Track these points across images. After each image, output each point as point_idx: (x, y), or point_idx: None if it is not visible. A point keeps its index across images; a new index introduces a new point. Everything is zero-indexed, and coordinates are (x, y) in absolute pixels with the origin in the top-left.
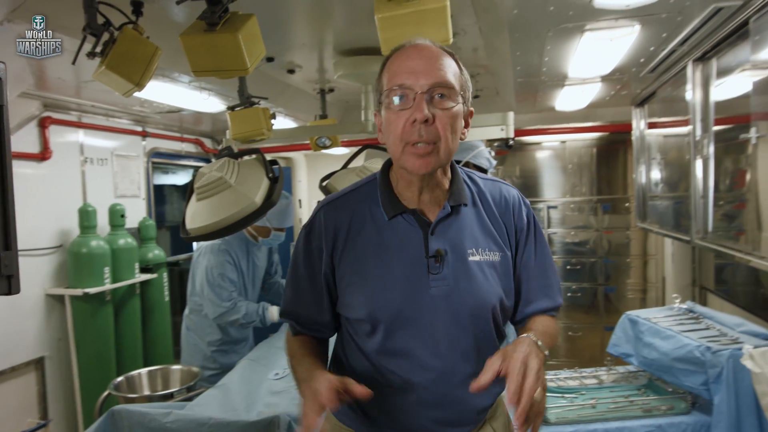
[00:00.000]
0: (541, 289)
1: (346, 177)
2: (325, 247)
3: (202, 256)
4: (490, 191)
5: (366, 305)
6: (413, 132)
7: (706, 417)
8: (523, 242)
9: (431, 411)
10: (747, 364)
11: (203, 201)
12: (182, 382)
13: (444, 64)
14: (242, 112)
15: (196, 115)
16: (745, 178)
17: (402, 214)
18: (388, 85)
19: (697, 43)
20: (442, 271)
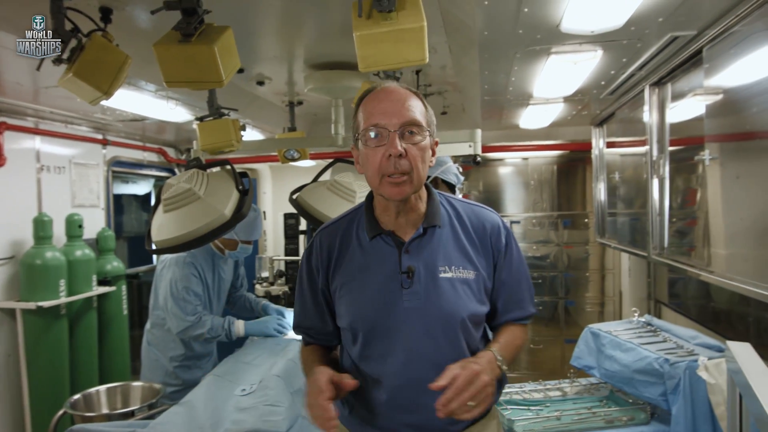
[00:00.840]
0: (515, 302)
1: (317, 190)
2: (321, 266)
3: (166, 268)
4: (468, 215)
5: (348, 315)
6: (389, 165)
7: (665, 427)
8: (501, 262)
9: (404, 415)
10: (702, 375)
11: (171, 213)
12: (143, 399)
13: (412, 105)
14: (212, 123)
15: (159, 123)
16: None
17: (381, 235)
18: (364, 124)
19: (654, 69)
20: (413, 286)
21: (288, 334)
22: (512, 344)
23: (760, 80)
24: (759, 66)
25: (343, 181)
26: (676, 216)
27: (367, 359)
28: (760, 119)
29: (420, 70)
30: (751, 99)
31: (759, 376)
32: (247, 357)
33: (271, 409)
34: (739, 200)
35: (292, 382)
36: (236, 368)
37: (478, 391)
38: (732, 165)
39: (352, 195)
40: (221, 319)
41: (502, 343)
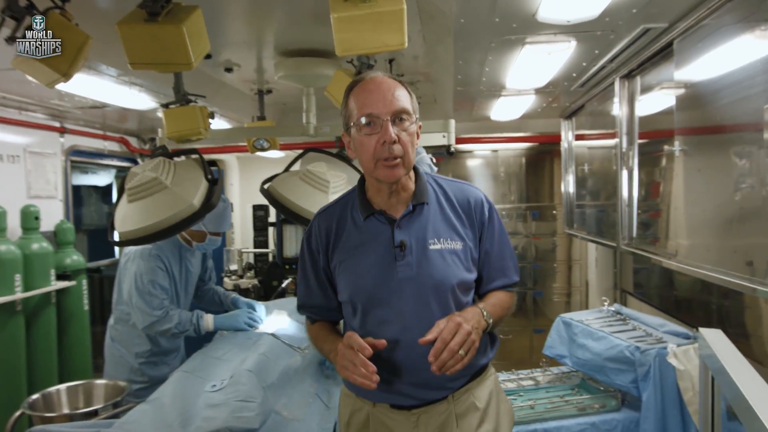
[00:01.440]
0: (499, 270)
1: (289, 180)
2: (321, 246)
3: (130, 261)
4: (453, 191)
5: (347, 289)
6: (383, 150)
7: (635, 413)
8: (485, 233)
9: (405, 376)
10: (672, 362)
11: (136, 203)
12: (107, 397)
13: (400, 94)
14: (178, 110)
15: (121, 111)
16: (659, 190)
17: (374, 215)
18: (358, 114)
19: (624, 61)
20: (406, 258)
21: (259, 328)
22: (498, 305)
23: (723, 75)
24: (724, 60)
25: (316, 170)
26: (642, 207)
27: (367, 328)
28: (722, 114)
29: (393, 59)
30: (713, 94)
31: (732, 360)
32: (217, 352)
33: (244, 405)
34: (701, 192)
35: (264, 376)
36: (206, 363)
37: (463, 339)
38: (694, 158)
39: (326, 185)
40: (189, 313)
41: (488, 302)
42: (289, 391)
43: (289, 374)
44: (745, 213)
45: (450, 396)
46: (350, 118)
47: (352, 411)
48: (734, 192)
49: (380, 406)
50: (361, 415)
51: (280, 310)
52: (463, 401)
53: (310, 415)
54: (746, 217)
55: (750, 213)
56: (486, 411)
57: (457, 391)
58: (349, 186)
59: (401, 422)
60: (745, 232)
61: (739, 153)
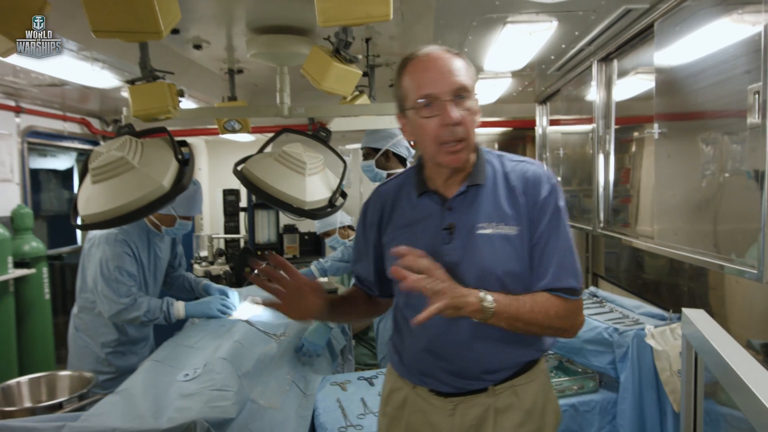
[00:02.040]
0: (549, 266)
1: (264, 161)
2: (374, 221)
3: (95, 247)
4: (515, 171)
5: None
6: (446, 133)
7: (612, 394)
8: (538, 215)
9: (439, 361)
10: (651, 343)
11: (100, 184)
12: (72, 389)
13: (458, 69)
14: (145, 86)
15: (82, 90)
16: (629, 175)
17: (427, 193)
18: (415, 95)
19: (602, 44)
20: (453, 242)
21: (232, 315)
22: (525, 303)
23: (697, 60)
24: (700, 45)
25: (292, 151)
26: (613, 193)
27: (410, 308)
28: (693, 100)
29: (370, 38)
30: (693, 77)
31: (719, 338)
32: (189, 340)
33: (219, 394)
34: (671, 178)
35: (239, 364)
36: (177, 352)
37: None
38: (665, 144)
39: (302, 166)
40: (159, 300)
41: (511, 297)
42: (266, 378)
43: (265, 362)
44: (714, 198)
45: (491, 389)
46: (405, 100)
47: (391, 389)
48: (702, 178)
49: (420, 389)
50: (399, 395)
51: (254, 297)
52: (505, 397)
53: (287, 402)
54: (715, 202)
55: (719, 197)
56: (530, 411)
57: (499, 385)
58: (326, 166)
59: (438, 408)
60: (715, 217)
61: (706, 139)
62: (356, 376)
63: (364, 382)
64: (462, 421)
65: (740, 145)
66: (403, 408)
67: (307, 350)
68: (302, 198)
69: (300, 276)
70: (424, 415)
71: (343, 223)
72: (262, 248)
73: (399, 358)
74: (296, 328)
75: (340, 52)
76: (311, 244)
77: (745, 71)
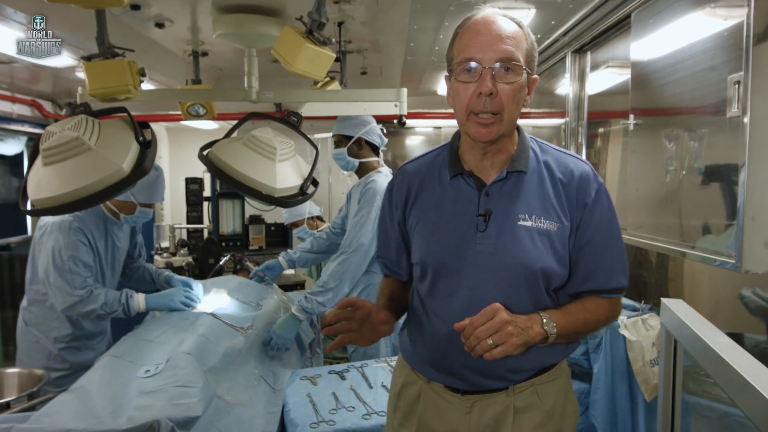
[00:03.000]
0: (601, 267)
1: (231, 146)
2: (400, 201)
3: (47, 235)
4: (559, 162)
5: (420, 251)
6: (478, 103)
7: (584, 384)
8: (589, 217)
9: (461, 356)
10: (624, 333)
11: (53, 166)
12: (21, 388)
13: (511, 39)
14: (103, 63)
15: (33, 69)
16: (596, 170)
17: (462, 175)
18: (458, 57)
19: (577, 35)
20: (488, 230)
21: (196, 308)
22: (577, 314)
23: (673, 52)
24: (677, 36)
25: (261, 136)
26: None
27: (434, 296)
28: (668, 91)
29: (343, 22)
30: (663, 70)
31: (702, 326)
32: (150, 334)
33: (183, 391)
34: (634, 173)
35: (204, 359)
36: (137, 347)
37: (494, 328)
38: (638, 136)
39: (272, 151)
40: (117, 292)
41: (563, 310)
42: (232, 374)
43: (231, 356)
44: (685, 189)
45: (511, 387)
46: (452, 62)
47: (404, 383)
48: (670, 171)
49: (434, 385)
50: (413, 390)
51: (219, 289)
52: (525, 396)
53: (255, 398)
54: (687, 193)
55: (691, 189)
56: (550, 412)
57: (520, 384)
58: (297, 153)
59: (454, 405)
60: (687, 208)
61: (670, 135)
62: (327, 370)
63: (335, 376)
64: (479, 420)
65: (709, 138)
66: (417, 403)
67: (276, 344)
68: (272, 185)
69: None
70: (439, 411)
71: (311, 214)
72: (226, 239)
73: (414, 350)
74: (263, 321)
75: (314, 33)
76: (278, 236)
77: (723, 62)
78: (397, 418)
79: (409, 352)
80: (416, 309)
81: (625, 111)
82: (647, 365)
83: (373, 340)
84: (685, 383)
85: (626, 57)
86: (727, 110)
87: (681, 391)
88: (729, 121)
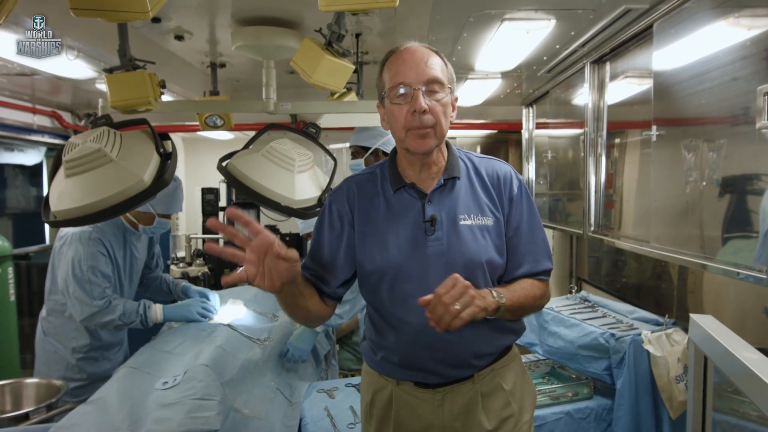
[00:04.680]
0: (527, 253)
1: (250, 157)
2: (345, 213)
3: (67, 245)
4: (485, 167)
5: (375, 260)
6: (414, 120)
7: (607, 400)
8: (514, 210)
9: (429, 351)
10: (649, 349)
11: (75, 177)
12: (39, 398)
13: (434, 63)
14: (124, 75)
15: (54, 81)
16: (613, 181)
17: (405, 188)
18: (390, 83)
19: (597, 46)
20: (436, 233)
21: (213, 319)
22: (518, 291)
23: (697, 62)
24: (701, 46)
25: (280, 147)
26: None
27: (393, 302)
28: (692, 102)
29: (360, 33)
30: (686, 81)
31: (734, 343)
32: (168, 345)
33: (201, 404)
34: (657, 184)
35: (222, 371)
36: (155, 358)
37: (459, 293)
38: (661, 147)
39: (291, 163)
40: (135, 303)
41: (506, 287)
42: (249, 386)
43: (248, 368)
44: (712, 202)
45: (475, 375)
46: (383, 88)
47: (375, 390)
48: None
49: (404, 385)
50: (384, 394)
51: (236, 300)
52: (489, 381)
53: (272, 411)
54: (714, 205)
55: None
56: (511, 392)
57: (482, 370)
58: (315, 164)
59: (425, 401)
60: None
61: (689, 146)
62: (344, 383)
63: (353, 389)
64: (451, 410)
65: (736, 149)
66: (390, 407)
67: (293, 355)
68: (291, 196)
69: (266, 234)
70: (411, 409)
71: None
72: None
73: (380, 358)
74: (280, 333)
75: (333, 45)
76: (292, 246)
77: (752, 72)
78: (373, 426)
79: (375, 360)
80: (374, 319)
81: (644, 121)
82: (672, 381)
83: (270, 284)
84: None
85: (645, 67)
86: (757, 121)
87: (712, 407)
88: (759, 133)
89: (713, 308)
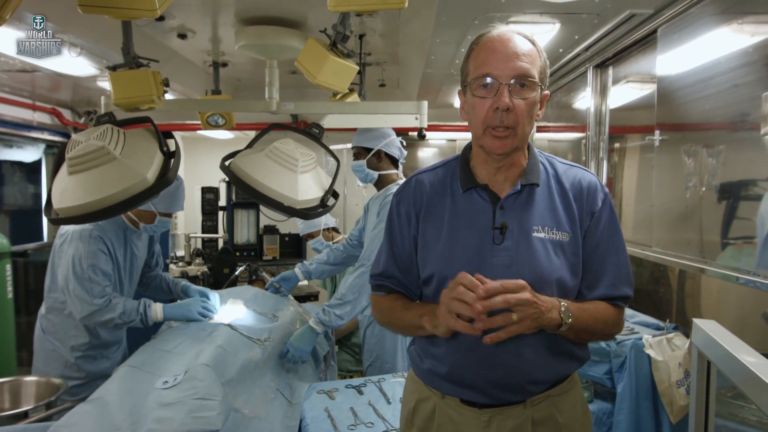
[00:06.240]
0: (606, 276)
1: (253, 157)
2: (413, 213)
3: (67, 243)
4: (567, 175)
5: (435, 264)
6: (495, 117)
7: (607, 404)
8: (595, 227)
9: (483, 371)
10: (650, 353)
11: (78, 175)
12: (38, 397)
13: (527, 56)
14: (127, 73)
15: (54, 78)
16: (612, 185)
17: (475, 189)
18: (475, 72)
19: (599, 50)
20: (504, 242)
21: (214, 318)
22: (589, 311)
23: (701, 67)
24: (705, 51)
25: (283, 147)
26: None
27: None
28: (685, 111)
29: (364, 34)
30: (681, 89)
31: (737, 346)
32: (168, 344)
33: (202, 403)
34: (659, 189)
35: (223, 371)
36: (155, 357)
37: (521, 302)
38: (654, 155)
39: (294, 163)
40: (135, 302)
41: (578, 305)
42: (249, 386)
43: (249, 368)
44: (716, 206)
45: (528, 400)
46: (467, 77)
47: (418, 399)
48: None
49: (449, 399)
50: (427, 406)
51: (236, 299)
52: (543, 408)
53: (272, 412)
54: (718, 209)
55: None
56: (566, 425)
57: (536, 396)
58: (319, 165)
59: (471, 420)
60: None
61: (688, 151)
62: (344, 384)
63: (353, 391)
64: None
65: (740, 154)
66: (432, 420)
67: (293, 356)
68: (294, 196)
69: None
70: (455, 426)
71: (327, 225)
72: (241, 249)
73: (426, 367)
74: (280, 333)
75: (337, 46)
76: (292, 246)
77: (756, 78)
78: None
79: (421, 368)
80: None
81: (645, 126)
82: (673, 386)
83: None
84: None
85: (648, 72)
86: (762, 127)
87: (714, 412)
88: (763, 138)
89: (712, 313)
